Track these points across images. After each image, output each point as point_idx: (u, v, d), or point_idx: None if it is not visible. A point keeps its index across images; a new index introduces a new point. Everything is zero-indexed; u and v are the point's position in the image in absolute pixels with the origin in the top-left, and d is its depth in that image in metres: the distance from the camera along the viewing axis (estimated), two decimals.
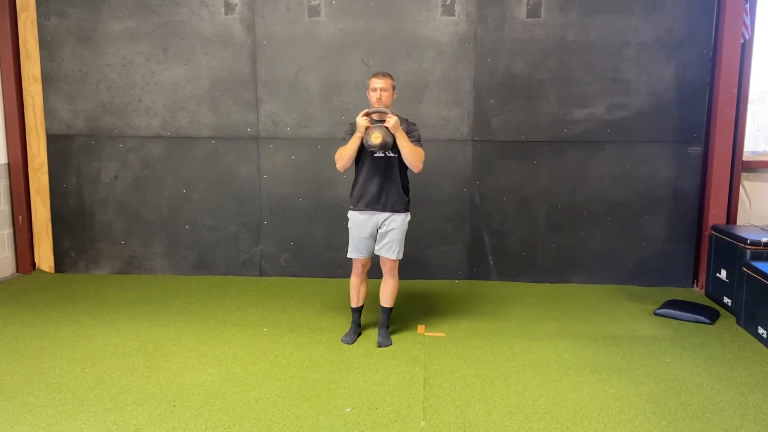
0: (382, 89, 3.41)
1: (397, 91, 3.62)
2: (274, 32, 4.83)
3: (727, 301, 4.28)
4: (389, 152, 3.44)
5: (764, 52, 4.86)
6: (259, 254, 5.10)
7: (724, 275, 4.34)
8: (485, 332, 3.82)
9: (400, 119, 3.36)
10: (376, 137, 3.28)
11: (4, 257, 5.07)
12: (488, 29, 4.74)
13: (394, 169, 3.48)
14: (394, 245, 3.52)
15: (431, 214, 4.93)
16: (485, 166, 4.90)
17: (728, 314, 4.20)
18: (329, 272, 5.04)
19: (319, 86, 4.87)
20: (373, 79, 3.45)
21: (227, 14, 4.84)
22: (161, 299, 4.46)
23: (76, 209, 5.12)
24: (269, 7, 4.80)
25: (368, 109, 3.41)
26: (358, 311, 3.72)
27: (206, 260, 5.13)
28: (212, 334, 3.76)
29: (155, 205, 5.08)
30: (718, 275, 4.43)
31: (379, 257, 3.59)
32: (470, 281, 5.01)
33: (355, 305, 3.71)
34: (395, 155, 3.45)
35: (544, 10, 4.69)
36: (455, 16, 4.74)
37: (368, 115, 3.38)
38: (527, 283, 4.97)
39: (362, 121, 3.34)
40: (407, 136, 3.39)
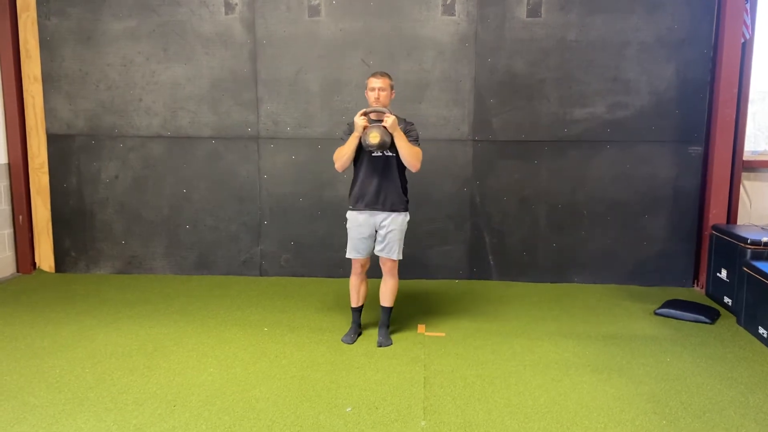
0: (380, 89, 3.41)
1: (396, 90, 3.62)
2: (274, 32, 4.83)
3: (727, 300, 4.28)
4: (387, 151, 3.44)
5: (765, 51, 4.86)
6: (259, 254, 5.10)
7: (724, 275, 4.34)
8: (485, 332, 3.82)
9: (398, 119, 3.36)
10: (374, 137, 3.28)
11: (4, 257, 5.07)
12: (488, 29, 4.74)
13: (392, 168, 3.48)
14: (393, 246, 3.52)
15: (431, 213, 4.93)
16: (486, 165, 4.89)
17: (729, 314, 4.20)
18: (329, 272, 5.05)
19: (319, 86, 4.87)
20: (371, 78, 3.45)
21: (227, 14, 4.84)
22: (161, 299, 4.46)
23: (76, 209, 5.12)
24: (269, 6, 4.80)
25: (366, 108, 3.42)
26: (358, 311, 3.72)
27: (206, 260, 5.13)
28: (212, 333, 3.77)
29: (156, 204, 5.08)
30: (718, 275, 4.43)
31: (378, 257, 3.59)
32: (470, 281, 5.01)
33: (355, 305, 3.71)
34: (393, 155, 3.45)
35: (544, 9, 4.69)
36: (455, 15, 4.74)
37: (366, 114, 3.37)
38: (528, 282, 4.97)
39: (360, 120, 3.33)
40: (405, 135, 3.39)
